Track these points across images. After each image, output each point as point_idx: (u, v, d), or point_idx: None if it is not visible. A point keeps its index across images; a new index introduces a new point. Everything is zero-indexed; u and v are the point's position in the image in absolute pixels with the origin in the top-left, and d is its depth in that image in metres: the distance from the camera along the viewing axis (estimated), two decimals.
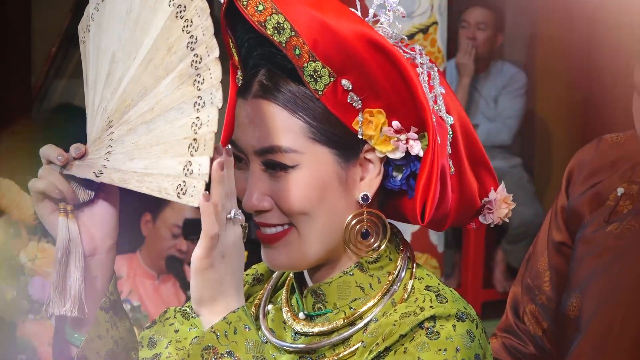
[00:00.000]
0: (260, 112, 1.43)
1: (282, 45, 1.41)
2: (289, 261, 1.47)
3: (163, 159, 1.33)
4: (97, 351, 1.41)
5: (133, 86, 1.38)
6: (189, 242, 4.12)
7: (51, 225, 1.40)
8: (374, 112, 1.44)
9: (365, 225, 1.46)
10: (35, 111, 5.63)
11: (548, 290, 2.00)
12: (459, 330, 1.39)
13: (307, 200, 1.43)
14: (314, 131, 1.43)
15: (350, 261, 1.49)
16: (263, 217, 1.46)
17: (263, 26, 1.41)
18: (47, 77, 5.68)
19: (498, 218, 1.54)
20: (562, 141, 5.98)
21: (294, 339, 1.50)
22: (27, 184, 1.41)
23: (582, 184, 1.97)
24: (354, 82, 1.43)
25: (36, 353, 2.68)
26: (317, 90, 1.42)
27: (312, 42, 1.41)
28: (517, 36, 6.20)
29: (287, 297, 1.55)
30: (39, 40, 5.60)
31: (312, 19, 1.41)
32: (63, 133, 5.26)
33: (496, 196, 1.54)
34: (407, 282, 1.48)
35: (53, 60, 5.64)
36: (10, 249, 2.73)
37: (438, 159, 1.44)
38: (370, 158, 1.46)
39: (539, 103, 6.14)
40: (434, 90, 1.48)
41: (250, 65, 1.47)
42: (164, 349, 1.54)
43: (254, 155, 1.45)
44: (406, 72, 1.43)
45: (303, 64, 1.41)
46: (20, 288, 2.70)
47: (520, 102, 5.86)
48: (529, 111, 5.98)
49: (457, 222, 1.53)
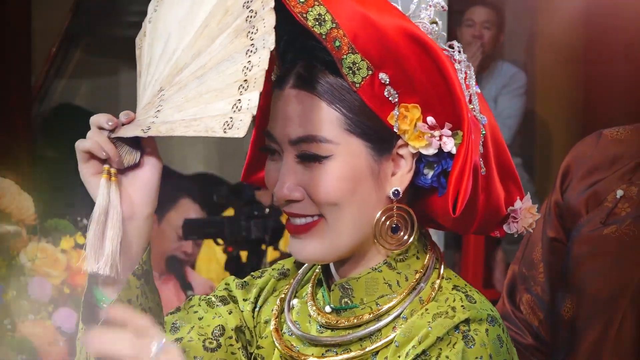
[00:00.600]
0: (297, 102, 1.45)
1: (322, 36, 1.41)
2: (317, 252, 1.48)
3: (212, 103, 1.35)
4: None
5: (187, 52, 1.40)
6: (193, 245, 4.11)
7: (92, 186, 1.42)
8: (409, 107, 1.45)
9: (395, 220, 1.47)
10: (35, 111, 5.63)
11: (542, 282, 2.00)
12: (491, 335, 1.41)
13: (338, 191, 1.44)
14: (350, 123, 1.44)
15: (379, 256, 1.49)
16: (293, 208, 1.47)
17: (304, 17, 1.41)
18: (47, 77, 5.68)
19: (522, 227, 1.55)
20: (562, 141, 5.98)
21: (320, 332, 1.51)
22: (27, 184, 1.42)
23: (580, 181, 1.97)
24: (392, 76, 1.43)
25: (36, 353, 2.68)
26: (354, 83, 1.43)
27: (352, 35, 1.42)
28: (517, 36, 6.20)
29: (312, 291, 1.56)
30: (39, 40, 5.60)
31: (354, 12, 1.42)
32: (63, 133, 5.26)
33: (522, 205, 1.55)
34: (434, 280, 1.49)
35: (53, 60, 5.64)
36: (10, 249, 2.73)
37: (472, 154, 1.45)
38: (403, 154, 1.47)
39: (539, 103, 6.14)
40: (470, 89, 1.50)
41: (288, 58, 1.48)
42: (186, 334, 1.55)
43: (288, 145, 1.46)
44: (445, 68, 1.44)
45: (342, 56, 1.42)
46: (20, 288, 2.70)
47: (520, 101, 5.85)
48: (528, 111, 5.98)
49: (482, 227, 1.54)
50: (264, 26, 1.34)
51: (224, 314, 1.58)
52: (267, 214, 3.95)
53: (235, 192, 4.04)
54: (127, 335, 1.27)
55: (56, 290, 2.77)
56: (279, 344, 1.54)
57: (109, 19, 5.53)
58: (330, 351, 1.49)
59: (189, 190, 4.23)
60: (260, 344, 1.58)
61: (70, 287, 2.80)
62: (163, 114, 1.38)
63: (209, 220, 4.02)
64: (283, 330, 1.56)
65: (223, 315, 1.58)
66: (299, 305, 1.57)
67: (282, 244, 4.36)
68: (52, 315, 2.74)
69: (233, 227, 3.92)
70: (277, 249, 4.19)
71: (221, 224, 3.94)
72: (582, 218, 1.94)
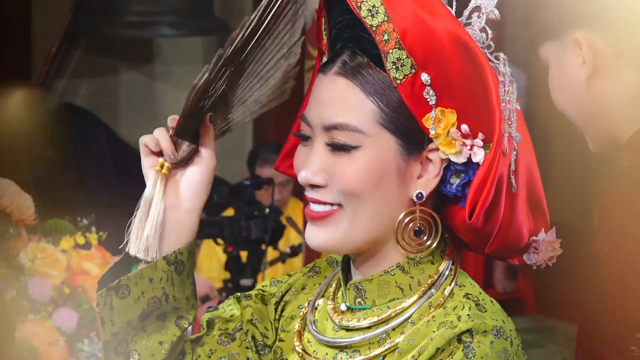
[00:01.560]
0: (337, 89, 1.46)
1: (372, 28, 1.43)
2: (330, 241, 1.48)
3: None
4: (143, 290, 1.49)
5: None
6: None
7: (147, 177, 1.52)
8: (445, 112, 1.44)
9: (418, 223, 1.47)
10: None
11: None
12: (495, 348, 1.39)
13: (362, 182, 1.44)
14: (385, 117, 1.44)
15: (396, 257, 1.49)
16: (315, 193, 1.47)
17: (358, 7, 1.43)
18: (47, 77, 5.67)
19: (542, 260, 1.54)
20: (562, 141, 5.98)
21: (335, 331, 1.52)
22: (27, 184, 1.46)
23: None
24: (434, 77, 1.43)
25: (36, 353, 2.68)
26: (396, 79, 1.44)
27: (402, 31, 1.42)
28: (517, 36, 6.20)
29: (334, 290, 1.57)
30: (39, 40, 5.60)
31: (407, 8, 1.43)
32: (63, 133, 5.26)
33: (546, 238, 1.54)
34: (446, 287, 1.48)
35: (53, 60, 5.63)
36: (10, 249, 2.73)
37: (498, 165, 1.44)
38: (432, 158, 1.47)
39: (539, 103, 6.14)
40: (510, 105, 1.49)
41: (337, 46, 1.49)
42: (216, 330, 1.62)
43: (320, 130, 1.46)
44: (486, 78, 1.44)
45: (388, 50, 1.43)
46: (20, 288, 2.71)
47: (520, 102, 5.85)
48: (529, 111, 5.98)
49: (500, 249, 1.52)
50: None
51: (240, 309, 1.63)
52: (267, 214, 3.95)
53: (235, 192, 4.04)
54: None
55: (56, 290, 2.77)
56: (298, 345, 1.55)
57: (109, 19, 5.52)
58: (342, 352, 1.50)
59: None
60: (281, 337, 1.61)
61: (70, 287, 2.80)
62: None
63: (209, 220, 4.02)
64: (305, 330, 1.58)
65: (239, 310, 1.63)
66: (322, 304, 1.58)
67: (282, 244, 4.36)
68: (52, 315, 2.75)
69: (233, 227, 3.92)
70: (276, 249, 4.19)
71: (221, 224, 3.94)
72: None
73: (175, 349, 1.54)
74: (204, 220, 4.12)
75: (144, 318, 1.50)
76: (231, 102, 1.53)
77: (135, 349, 1.51)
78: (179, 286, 1.51)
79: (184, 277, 1.52)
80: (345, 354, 1.49)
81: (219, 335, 1.60)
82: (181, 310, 1.53)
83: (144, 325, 1.51)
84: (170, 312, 1.52)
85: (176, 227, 1.51)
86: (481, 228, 1.46)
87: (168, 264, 1.49)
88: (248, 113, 1.56)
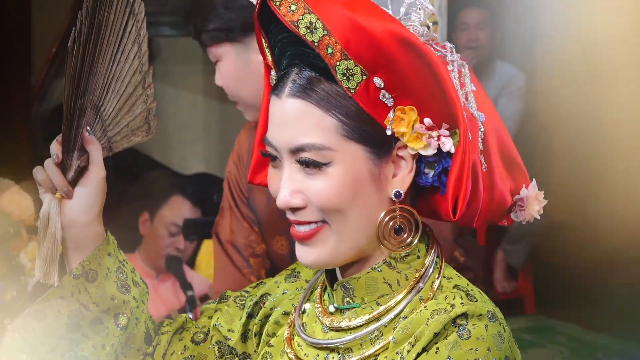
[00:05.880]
0: (295, 111, 1.45)
1: (314, 44, 1.42)
2: (323, 258, 1.49)
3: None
4: (59, 309, 1.52)
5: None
6: (186, 241, 4.13)
7: (42, 199, 1.56)
8: (405, 110, 1.45)
9: (398, 222, 1.47)
10: (35, 111, 5.63)
11: None
12: (490, 331, 1.40)
13: (340, 197, 1.45)
14: (347, 129, 1.44)
15: (380, 256, 1.50)
16: (297, 215, 1.48)
17: (296, 26, 1.42)
18: (47, 77, 5.67)
19: (530, 215, 1.56)
20: (562, 141, 5.98)
21: (324, 332, 1.52)
22: (27, 184, 1.50)
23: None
24: (386, 80, 1.44)
25: None
26: (349, 89, 1.44)
27: (344, 41, 1.42)
28: (517, 36, 6.20)
29: (320, 293, 1.58)
30: (39, 40, 5.60)
31: (344, 18, 1.43)
32: None
33: (528, 193, 1.55)
34: (434, 280, 1.49)
35: (53, 60, 5.64)
36: (10, 249, 2.73)
37: (469, 154, 1.45)
38: (403, 155, 1.48)
39: (539, 103, 6.14)
40: (465, 88, 1.51)
41: (283, 64, 1.49)
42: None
43: (287, 153, 1.47)
44: (437, 69, 1.44)
45: (335, 63, 1.43)
46: (20, 288, 2.70)
47: (520, 102, 5.85)
48: (528, 112, 5.98)
49: (488, 220, 1.54)
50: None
51: (212, 313, 1.68)
52: None
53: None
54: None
55: None
56: (290, 351, 1.56)
57: None
58: (333, 352, 1.50)
59: (180, 187, 4.23)
60: (271, 342, 1.62)
61: None
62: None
63: (209, 220, 4.02)
64: (295, 335, 1.58)
65: (212, 314, 1.68)
66: (310, 309, 1.59)
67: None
68: None
69: None
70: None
71: None
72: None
73: (130, 343, 1.60)
74: (204, 220, 4.13)
75: (75, 330, 1.54)
76: (105, 118, 1.56)
77: (84, 355, 1.55)
78: (97, 292, 1.54)
79: (102, 281, 1.55)
80: (337, 354, 1.49)
81: (194, 333, 1.66)
82: (115, 309, 1.56)
83: (83, 333, 1.55)
84: (104, 315, 1.55)
85: (76, 243, 1.55)
86: (465, 214, 1.47)
87: (75, 278, 1.53)
88: (125, 137, 1.59)
